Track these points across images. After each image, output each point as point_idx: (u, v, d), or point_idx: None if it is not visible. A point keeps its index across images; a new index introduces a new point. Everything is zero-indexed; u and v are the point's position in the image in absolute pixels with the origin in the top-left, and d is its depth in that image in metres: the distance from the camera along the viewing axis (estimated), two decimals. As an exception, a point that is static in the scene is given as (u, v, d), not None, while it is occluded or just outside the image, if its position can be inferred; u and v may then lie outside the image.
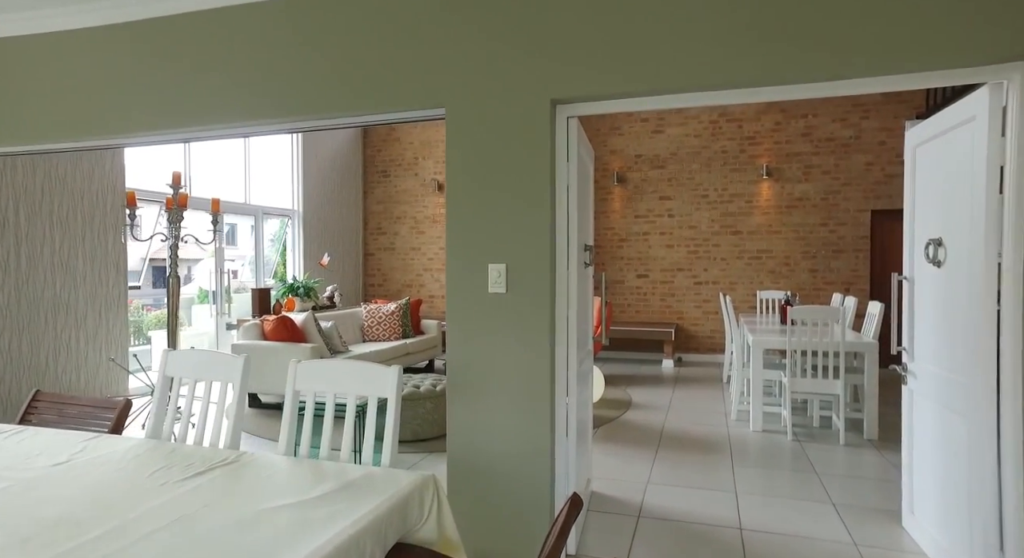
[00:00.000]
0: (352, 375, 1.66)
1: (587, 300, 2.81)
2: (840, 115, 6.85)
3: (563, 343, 2.32)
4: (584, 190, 2.73)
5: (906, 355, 2.56)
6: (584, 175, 2.72)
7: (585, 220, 2.74)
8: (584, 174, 2.72)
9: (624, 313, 7.76)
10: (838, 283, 6.89)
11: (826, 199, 6.94)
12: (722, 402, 5.18)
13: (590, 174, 2.93)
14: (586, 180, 2.79)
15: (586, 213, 2.79)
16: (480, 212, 2.30)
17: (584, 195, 2.73)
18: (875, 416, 4.00)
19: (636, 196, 7.67)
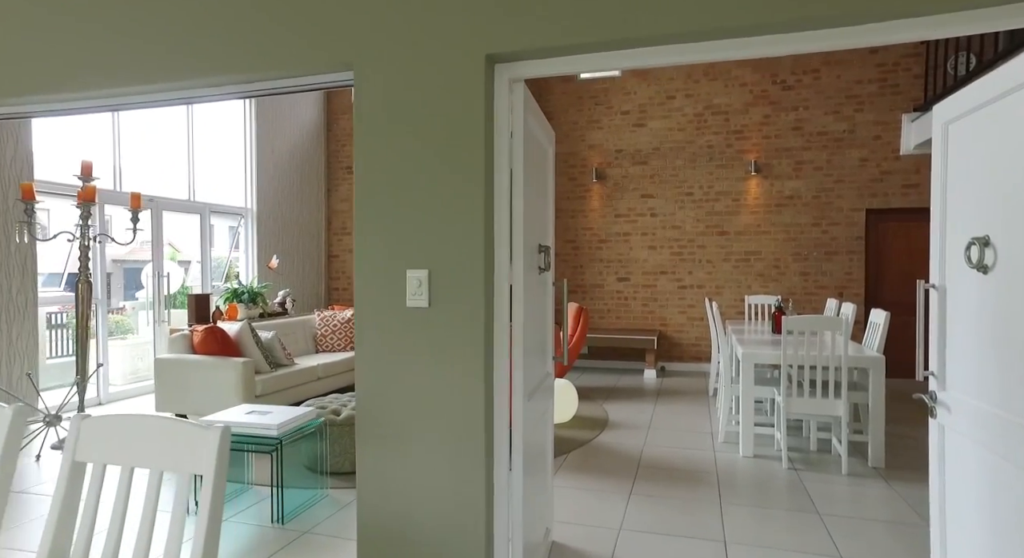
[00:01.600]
0: (152, 439, 1.10)
1: (543, 312, 2.29)
2: (833, 108, 6.42)
3: (504, 366, 1.79)
4: (539, 178, 2.21)
5: (935, 382, 2.06)
6: (538, 160, 2.20)
7: (540, 215, 2.22)
8: (539, 159, 2.20)
9: (604, 319, 7.26)
10: (831, 287, 6.46)
11: (818, 197, 6.50)
12: (708, 420, 4.69)
13: (548, 160, 2.42)
14: (542, 166, 2.27)
15: (542, 207, 2.27)
16: (396, 204, 1.77)
17: (539, 184, 2.21)
18: (881, 441, 3.53)
19: (616, 194, 7.19)
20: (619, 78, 7.14)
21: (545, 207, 2.34)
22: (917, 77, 6.08)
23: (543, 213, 2.27)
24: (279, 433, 2.76)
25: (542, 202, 2.26)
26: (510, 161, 1.81)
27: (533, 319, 2.08)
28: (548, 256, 2.20)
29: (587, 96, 7.25)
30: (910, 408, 5.08)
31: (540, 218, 2.21)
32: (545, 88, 7.42)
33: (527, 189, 1.97)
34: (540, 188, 2.23)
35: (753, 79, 6.67)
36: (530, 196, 2.03)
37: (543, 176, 2.30)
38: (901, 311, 6.13)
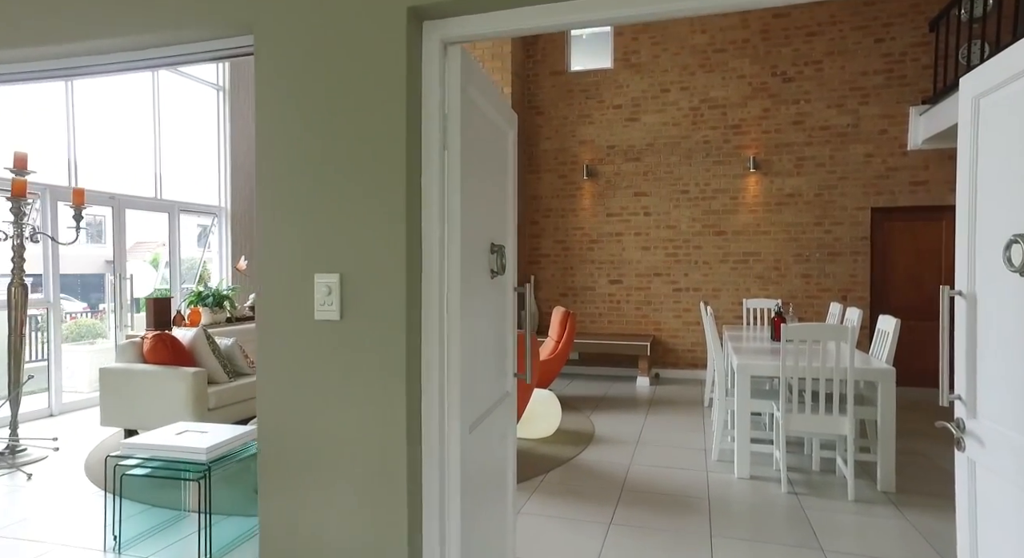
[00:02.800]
0: None
1: (498, 323, 1.95)
2: (836, 100, 6.08)
3: (434, 391, 1.46)
4: (493, 166, 1.88)
5: (962, 408, 1.73)
6: (491, 143, 1.86)
7: (494, 209, 1.89)
8: (491, 142, 1.87)
9: (595, 324, 6.93)
10: (834, 290, 6.11)
11: (820, 195, 6.16)
12: (702, 433, 4.35)
13: (507, 144, 2.08)
14: (497, 152, 1.94)
15: (497, 199, 1.93)
16: (303, 194, 1.44)
17: (493, 173, 1.88)
18: (891, 462, 3.19)
19: (608, 192, 6.85)
20: (611, 70, 6.81)
21: (503, 200, 2.01)
22: (926, 68, 5.74)
23: (498, 206, 1.94)
24: (208, 458, 2.43)
25: (497, 193, 1.93)
26: (443, 143, 1.47)
27: (483, 332, 1.75)
28: (503, 257, 1.87)
29: (577, 89, 6.93)
30: (922, 420, 4.74)
31: (494, 212, 1.87)
32: (533, 81, 7.09)
33: (473, 178, 1.64)
34: (494, 177, 1.89)
35: (752, 71, 6.34)
36: (478, 186, 1.70)
37: (499, 163, 1.96)
38: (909, 316, 5.78)
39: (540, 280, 7.12)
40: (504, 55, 6.59)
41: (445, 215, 1.49)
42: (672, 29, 6.57)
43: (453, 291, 1.49)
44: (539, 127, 7.07)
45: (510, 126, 2.08)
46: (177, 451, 2.44)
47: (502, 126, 1.99)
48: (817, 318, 6.12)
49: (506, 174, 2.07)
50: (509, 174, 2.11)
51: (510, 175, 2.11)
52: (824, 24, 6.09)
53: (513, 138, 2.13)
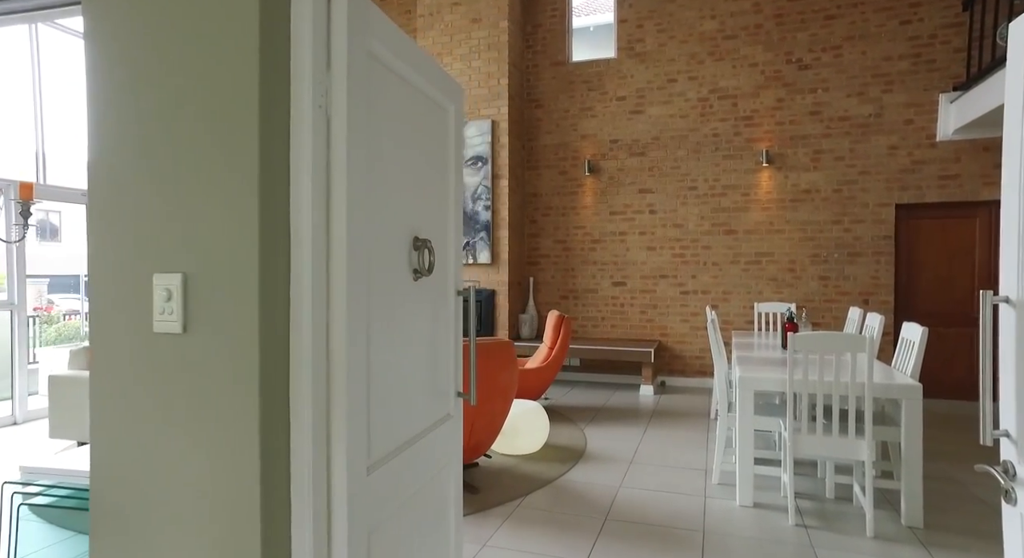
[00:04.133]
0: None
1: (433, 334, 1.61)
2: (857, 88, 5.63)
3: (305, 426, 1.12)
4: (423, 143, 1.54)
5: (1011, 447, 1.34)
6: (420, 116, 1.53)
7: (426, 196, 1.55)
8: (422, 114, 1.53)
9: (597, 328, 6.55)
10: (854, 294, 5.65)
11: (840, 191, 5.71)
12: (704, 451, 3.95)
13: (448, 121, 1.74)
14: (431, 127, 1.60)
15: (432, 184, 1.60)
16: (140, 171, 1.12)
17: (427, 153, 1.54)
18: (919, 493, 2.77)
19: (611, 189, 6.48)
20: (614, 60, 6.43)
21: (439, 186, 1.67)
22: (958, 51, 5.26)
23: (430, 194, 1.60)
24: (120, 483, 2.12)
25: (429, 178, 1.60)
26: (326, 110, 1.14)
27: (401, 345, 1.42)
28: (432, 254, 1.54)
29: (579, 80, 6.57)
30: (954, 439, 4.28)
31: (422, 200, 1.54)
32: (533, 72, 6.75)
33: (384, 156, 1.31)
34: (424, 158, 1.56)
35: (765, 58, 5.91)
36: (393, 167, 1.37)
37: (434, 142, 1.63)
38: (938, 322, 5.31)
39: (539, 282, 6.77)
40: (501, 45, 6.26)
41: (328, 200, 1.15)
42: (679, 15, 6.18)
43: (337, 296, 1.16)
44: (538, 120, 6.73)
45: (451, 100, 1.74)
46: (85, 477, 2.15)
47: (438, 99, 1.66)
48: (835, 324, 5.67)
49: (446, 156, 1.74)
50: (451, 156, 1.77)
51: (452, 158, 1.77)
52: (844, 6, 5.64)
53: (456, 114, 1.79)
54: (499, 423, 3.20)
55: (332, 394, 1.17)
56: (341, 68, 1.16)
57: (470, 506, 2.99)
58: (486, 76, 6.33)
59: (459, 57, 6.42)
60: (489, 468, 3.56)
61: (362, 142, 1.22)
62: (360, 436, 1.21)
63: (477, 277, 6.41)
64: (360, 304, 1.21)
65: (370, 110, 1.27)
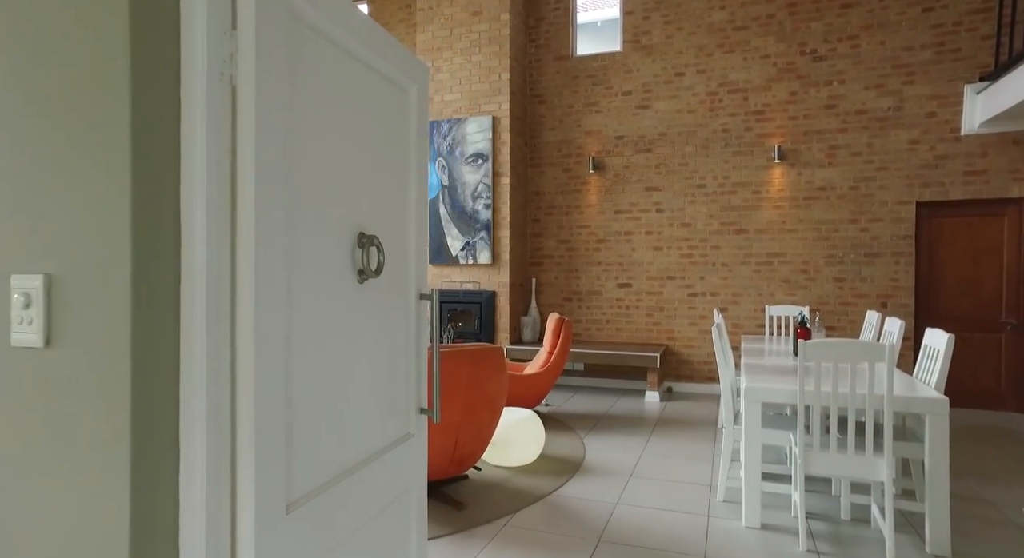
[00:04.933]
0: None
1: (385, 344, 1.41)
2: (875, 80, 5.34)
3: (197, 457, 0.92)
4: (371, 127, 1.34)
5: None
6: (368, 95, 1.33)
7: (376, 186, 1.35)
8: (369, 93, 1.33)
9: (602, 331, 6.32)
10: (872, 296, 5.36)
11: (856, 188, 5.43)
12: (710, 464, 3.72)
13: (408, 103, 1.54)
14: (383, 109, 1.40)
15: (384, 174, 1.40)
16: None
17: (377, 138, 1.34)
18: (945, 517, 2.51)
19: (617, 187, 6.24)
20: (620, 54, 6.20)
21: (394, 176, 1.47)
22: (985, 38, 4.96)
23: (382, 184, 1.39)
24: None
25: (379, 166, 1.40)
26: (231, 81, 0.95)
27: (339, 358, 1.22)
28: (379, 253, 1.34)
29: (583, 75, 6.34)
30: (984, 452, 3.99)
31: (370, 191, 1.34)
32: (535, 67, 6.54)
33: (315, 139, 1.12)
34: (374, 144, 1.36)
35: (777, 50, 5.65)
36: (329, 152, 1.17)
37: (386, 126, 1.43)
38: (962, 326, 5.01)
39: (542, 283, 6.56)
40: (502, 39, 6.07)
41: (234, 191, 0.96)
42: (687, 6, 5.93)
43: (245, 302, 0.96)
44: (541, 117, 6.52)
45: (411, 79, 1.54)
46: None
47: (394, 77, 1.46)
48: (851, 328, 5.39)
49: (405, 143, 1.53)
50: (412, 143, 1.57)
51: (414, 145, 1.57)
52: (861, -6, 5.36)
53: (419, 96, 1.59)
54: (487, 434, 3.00)
55: (238, 419, 0.97)
56: (249, 28, 0.96)
57: (453, 525, 2.79)
58: (487, 70, 6.13)
59: (459, 51, 6.23)
60: (479, 482, 3.35)
61: (280, 122, 1.02)
62: (275, 468, 1.01)
63: (477, 278, 6.22)
64: (275, 311, 1.01)
65: (295, 84, 1.07)
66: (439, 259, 6.30)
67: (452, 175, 6.26)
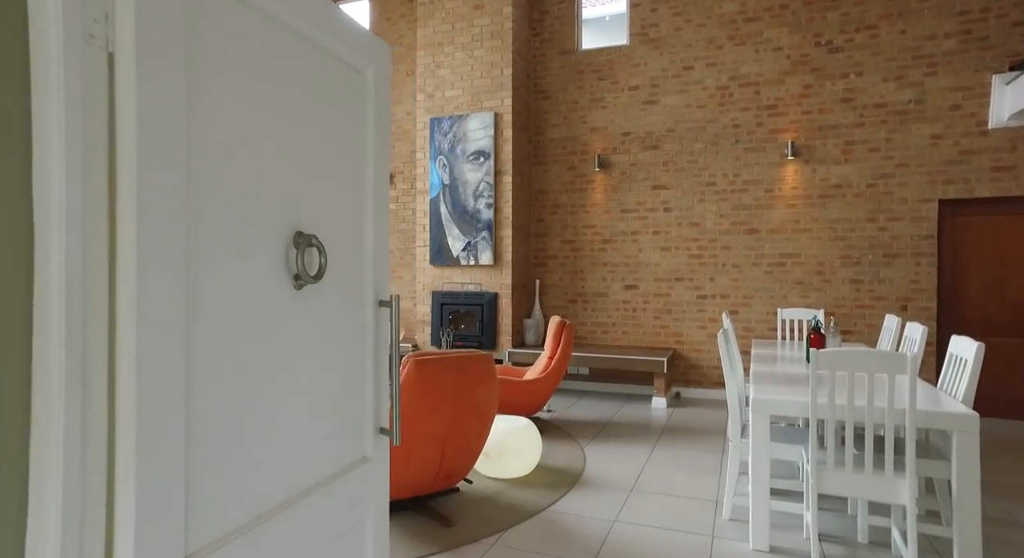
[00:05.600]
0: None
1: (334, 357, 1.24)
2: (895, 72, 5.08)
3: (51, 516, 0.75)
4: (315, 111, 1.18)
5: None
6: (309, 74, 1.16)
7: (321, 177, 1.19)
8: (312, 73, 1.16)
9: (608, 334, 6.11)
10: (891, 299, 5.10)
11: (874, 186, 5.17)
12: (717, 477, 3.51)
13: (365, 87, 1.37)
14: (330, 92, 1.23)
15: (331, 164, 1.23)
16: None
17: (322, 125, 1.18)
18: (976, 543, 2.28)
19: (623, 185, 6.04)
20: (627, 47, 6.00)
21: (357, 169, 1.30)
22: (1016, 25, 4.69)
23: (322, 175, 1.22)
24: None
25: (330, 155, 1.23)
26: (106, 46, 0.78)
27: (273, 375, 1.05)
28: (321, 255, 1.17)
29: (588, 70, 6.15)
30: (1016, 467, 3.73)
31: (308, 184, 1.17)
32: (539, 62, 6.36)
33: (232, 125, 0.95)
34: (315, 130, 1.19)
35: (791, 41, 5.41)
36: (252, 137, 1.00)
37: (334, 111, 1.26)
38: (989, 331, 4.73)
39: (546, 285, 6.37)
40: (504, 33, 5.89)
41: (113, 182, 0.79)
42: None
43: (126, 315, 0.79)
44: (545, 113, 6.33)
45: (368, 60, 1.37)
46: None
47: (345, 56, 1.29)
48: (868, 332, 5.13)
49: (360, 131, 1.36)
50: (369, 132, 1.40)
51: (371, 134, 1.40)
52: (880, -19, 5.11)
53: (378, 79, 1.42)
54: (476, 446, 2.82)
55: (117, 455, 0.80)
56: None
57: (438, 543, 2.62)
58: (488, 65, 5.96)
59: (460, 46, 6.07)
60: (470, 495, 3.18)
61: (176, 98, 0.85)
62: (169, 513, 0.85)
63: (479, 279, 6.05)
64: (167, 323, 0.84)
65: (201, 55, 0.90)
66: (440, 260, 6.14)
67: (453, 173, 6.09)
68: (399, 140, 6.96)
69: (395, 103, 6.95)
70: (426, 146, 6.26)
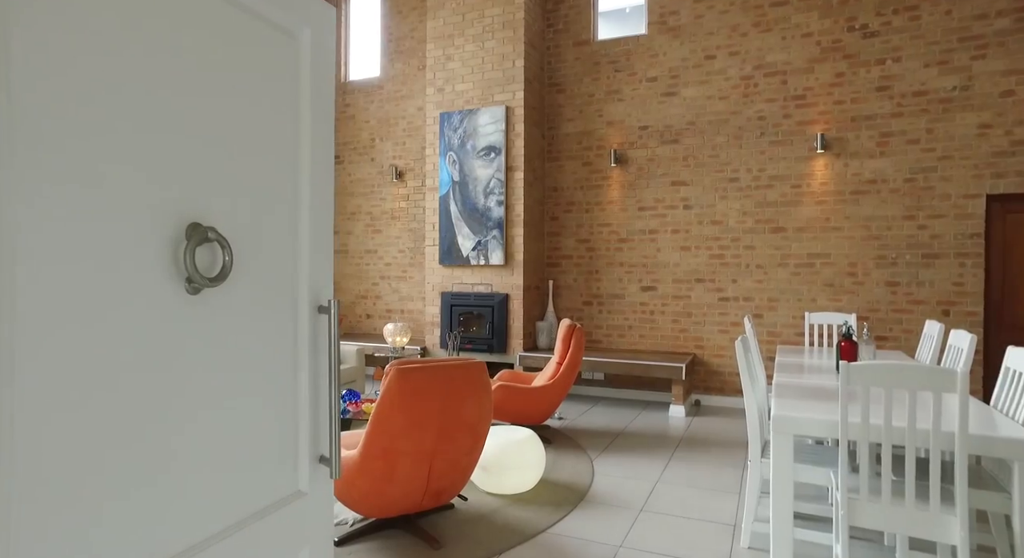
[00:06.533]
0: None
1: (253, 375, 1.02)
2: (937, 56, 4.69)
3: None
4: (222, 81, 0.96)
5: None
6: (207, 36, 0.94)
7: (232, 157, 0.97)
8: (212, 34, 0.95)
9: (624, 338, 5.83)
10: (931, 303, 4.71)
11: (913, 180, 4.78)
12: (736, 497, 3.21)
13: (296, 53, 1.15)
14: (245, 59, 1.02)
15: (238, 135, 1.01)
16: None
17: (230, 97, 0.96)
18: (1032, 593, 1.96)
19: (640, 181, 5.75)
20: (645, 37, 5.71)
21: (285, 149, 1.08)
22: (1070, 2, 4.26)
23: (233, 154, 1.01)
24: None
25: (244, 130, 1.01)
26: None
27: (158, 402, 0.84)
28: (223, 252, 0.95)
29: (605, 61, 5.87)
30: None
31: (211, 163, 0.95)
32: (554, 54, 6.11)
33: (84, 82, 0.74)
34: (222, 101, 0.97)
35: (821, 26, 5.05)
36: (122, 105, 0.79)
37: (253, 81, 1.04)
38: (1042, 340, 4.32)
39: (559, 286, 6.11)
40: (516, 23, 5.66)
41: None
42: (719, -19, 5.39)
43: None
44: (560, 107, 6.08)
45: (301, 21, 1.15)
46: None
47: (264, 11, 1.07)
48: (906, 338, 4.75)
49: (291, 105, 1.15)
50: (303, 106, 1.18)
51: (306, 108, 1.18)
52: (920, -41, 4.72)
53: (315, 44, 1.20)
54: (467, 462, 2.59)
55: None
56: None
57: (424, 568, 2.40)
58: (500, 57, 5.74)
59: (471, 38, 5.86)
60: (465, 513, 2.95)
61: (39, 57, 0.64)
62: None
63: (489, 280, 5.83)
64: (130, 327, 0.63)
65: None
66: (449, 259, 5.94)
67: (463, 170, 5.88)
68: (410, 137, 6.79)
69: (406, 99, 6.78)
70: (436, 142, 6.06)
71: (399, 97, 6.83)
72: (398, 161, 6.84)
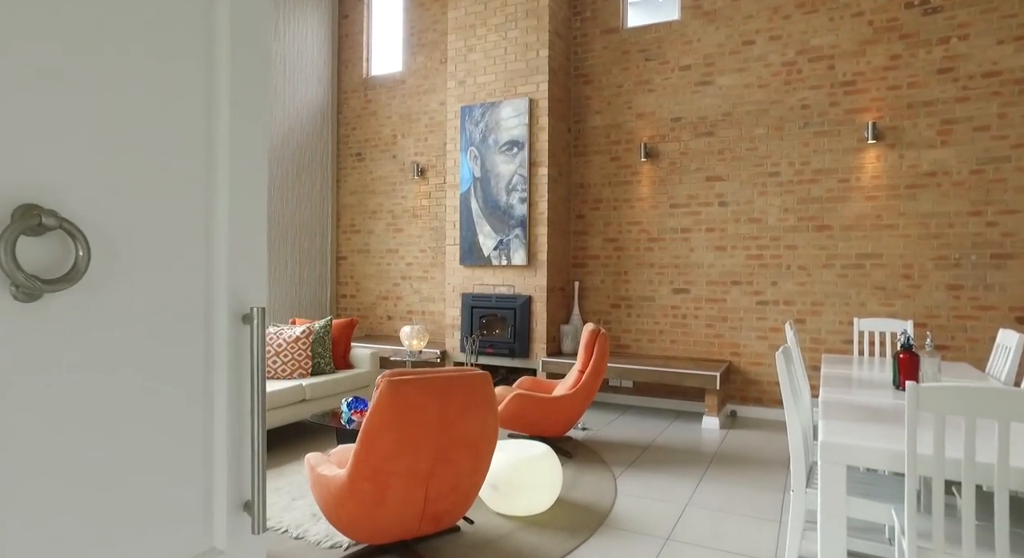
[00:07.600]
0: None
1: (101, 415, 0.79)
2: (1012, 33, 4.19)
3: None
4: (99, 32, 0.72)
5: None
6: None
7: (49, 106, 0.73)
8: None
9: (654, 343, 5.48)
10: (1002, 309, 4.22)
11: (980, 172, 4.30)
12: (776, 526, 2.86)
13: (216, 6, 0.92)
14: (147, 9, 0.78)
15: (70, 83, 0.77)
16: None
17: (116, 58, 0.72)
18: None
19: (673, 177, 5.39)
20: (678, 23, 5.35)
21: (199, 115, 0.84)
22: None
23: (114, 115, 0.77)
24: None
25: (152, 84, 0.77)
26: None
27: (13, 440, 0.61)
28: (76, 245, 0.72)
29: (635, 49, 5.54)
30: None
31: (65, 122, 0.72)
32: (581, 43, 5.80)
33: None
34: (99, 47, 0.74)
35: (874, 4, 4.60)
36: None
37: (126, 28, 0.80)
38: None
39: (586, 288, 5.80)
40: (540, 11, 5.38)
41: None
42: (759, -41, 5.00)
43: None
44: (587, 99, 5.77)
45: None
46: None
47: None
48: (971, 349, 4.26)
49: (205, 64, 0.90)
50: (220, 66, 0.93)
51: (224, 68, 0.93)
52: (989, -74, 4.24)
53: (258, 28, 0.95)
54: (469, 484, 2.33)
55: None
56: None
57: (419, 603, 2.15)
58: (523, 47, 5.47)
59: (493, 27, 5.61)
60: (470, 538, 2.70)
61: None
62: None
63: (512, 281, 5.56)
64: None
65: None
66: (470, 259, 5.70)
67: (484, 166, 5.64)
68: (432, 132, 6.59)
69: (428, 93, 6.58)
70: (457, 137, 5.84)
71: (421, 92, 6.64)
72: (420, 158, 6.65)
